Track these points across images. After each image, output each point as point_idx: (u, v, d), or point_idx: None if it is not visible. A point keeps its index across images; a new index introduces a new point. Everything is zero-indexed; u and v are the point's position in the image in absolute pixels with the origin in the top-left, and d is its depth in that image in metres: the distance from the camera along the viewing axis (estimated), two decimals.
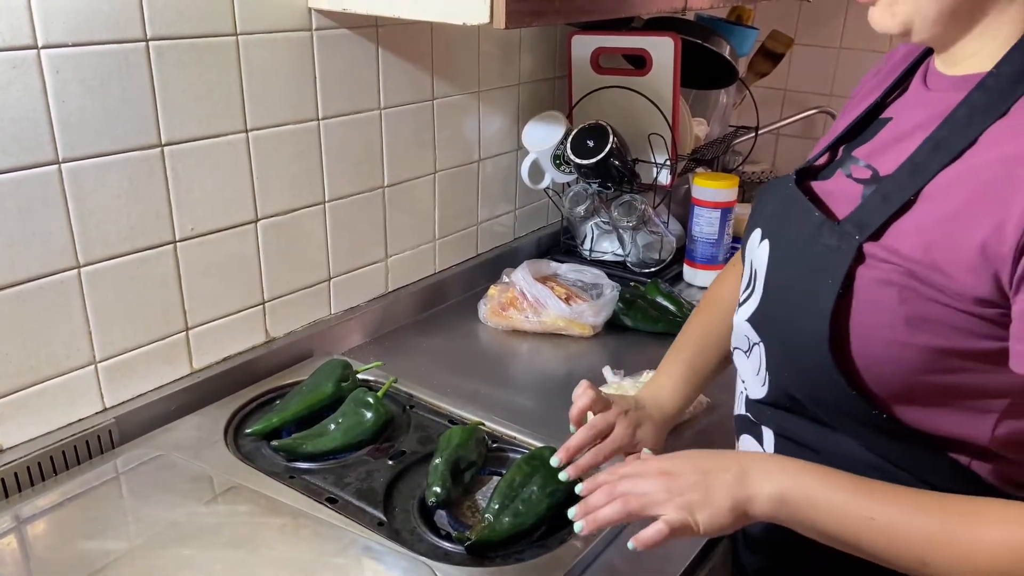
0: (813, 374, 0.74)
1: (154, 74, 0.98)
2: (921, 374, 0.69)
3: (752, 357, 0.83)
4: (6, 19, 0.84)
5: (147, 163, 1.00)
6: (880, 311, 0.69)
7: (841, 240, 0.72)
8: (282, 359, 1.22)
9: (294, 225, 1.20)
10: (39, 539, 0.86)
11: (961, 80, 0.72)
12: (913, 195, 0.69)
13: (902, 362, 0.69)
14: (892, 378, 0.70)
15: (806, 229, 0.77)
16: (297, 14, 1.12)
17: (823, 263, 0.73)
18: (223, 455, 1.01)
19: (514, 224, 1.67)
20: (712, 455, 0.75)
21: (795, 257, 0.77)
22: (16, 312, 0.92)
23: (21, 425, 0.96)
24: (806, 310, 0.73)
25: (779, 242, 0.80)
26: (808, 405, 0.77)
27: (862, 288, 0.70)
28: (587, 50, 1.57)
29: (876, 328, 0.69)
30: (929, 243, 0.67)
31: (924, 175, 0.69)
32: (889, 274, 0.68)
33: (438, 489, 0.90)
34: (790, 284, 0.77)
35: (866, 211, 0.72)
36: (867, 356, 0.70)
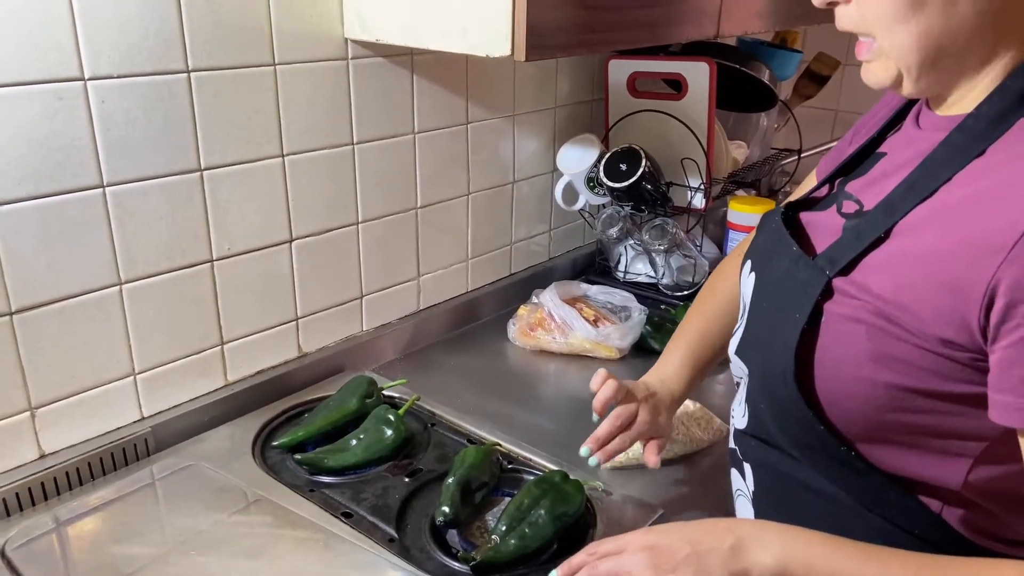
0: (783, 406, 0.74)
1: (195, 103, 1.04)
2: (888, 412, 0.69)
3: (741, 389, 0.85)
4: (54, 54, 0.90)
5: (186, 187, 1.06)
6: (846, 346, 0.69)
7: (811, 275, 0.73)
8: (314, 373, 1.27)
9: (328, 245, 1.25)
10: (74, 541, 0.92)
11: (947, 121, 0.72)
12: (884, 232, 0.69)
13: (868, 399, 0.69)
14: (858, 414, 0.70)
15: (784, 263, 0.78)
16: (334, 44, 1.17)
17: (794, 297, 0.74)
18: (249, 467, 1.05)
19: (549, 244, 1.69)
20: (702, 526, 0.72)
21: (773, 290, 0.79)
22: (60, 326, 0.98)
23: (63, 432, 1.02)
24: (777, 343, 0.74)
25: (762, 275, 0.82)
26: (780, 439, 0.77)
27: (829, 323, 0.70)
28: (624, 74, 1.59)
29: (842, 363, 0.70)
30: (898, 282, 0.67)
31: (896, 213, 0.69)
32: (857, 311, 0.68)
33: (446, 509, 0.92)
34: (766, 317, 0.78)
35: (839, 247, 0.73)
36: (833, 391, 0.71)
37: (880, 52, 0.70)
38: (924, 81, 0.70)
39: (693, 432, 1.12)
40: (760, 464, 0.82)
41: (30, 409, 0.98)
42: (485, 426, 1.15)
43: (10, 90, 0.88)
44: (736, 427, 0.86)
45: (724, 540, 0.69)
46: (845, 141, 0.93)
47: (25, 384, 0.97)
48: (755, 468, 0.83)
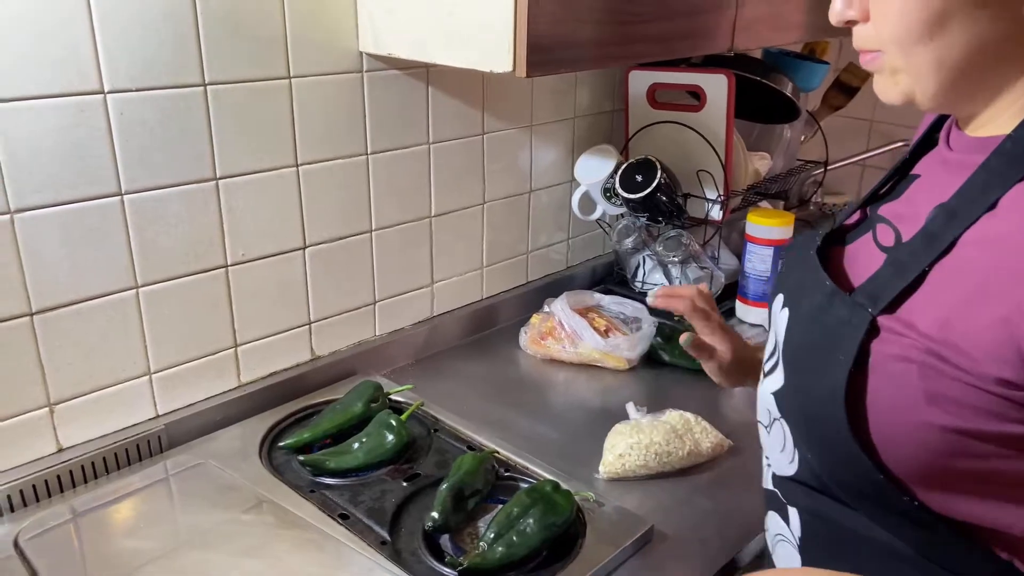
0: (836, 454, 0.70)
1: (211, 115, 1.08)
2: (949, 458, 0.64)
3: (774, 433, 0.80)
4: (75, 68, 0.95)
5: (202, 195, 1.10)
6: (899, 389, 0.65)
7: (853, 313, 0.68)
8: (326, 376, 1.30)
9: (341, 252, 1.28)
10: (84, 533, 0.96)
11: (980, 143, 0.69)
12: (927, 266, 0.66)
13: (927, 444, 0.64)
14: (918, 461, 0.66)
15: (818, 299, 0.74)
16: (349, 58, 1.20)
17: (835, 336, 0.69)
18: (256, 466, 1.09)
19: (568, 253, 1.71)
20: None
21: (809, 329, 0.74)
22: (79, 326, 1.03)
23: (80, 427, 1.07)
24: (822, 387, 0.69)
25: (796, 311, 0.77)
26: (833, 487, 0.73)
27: (878, 364, 0.66)
28: (644, 85, 1.59)
29: (896, 407, 0.65)
30: (946, 319, 0.63)
31: (938, 245, 0.66)
32: (906, 350, 0.64)
33: (435, 515, 0.94)
34: (805, 358, 0.73)
35: (879, 282, 0.69)
36: (888, 437, 0.66)
37: (891, 67, 0.68)
38: (941, 101, 0.68)
39: (692, 445, 1.12)
40: (809, 511, 0.78)
41: (49, 405, 1.03)
42: (487, 433, 1.17)
43: (35, 103, 0.93)
44: (778, 473, 0.81)
45: None
46: None
47: (44, 381, 1.02)
48: (803, 514, 0.79)
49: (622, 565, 0.95)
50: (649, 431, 1.11)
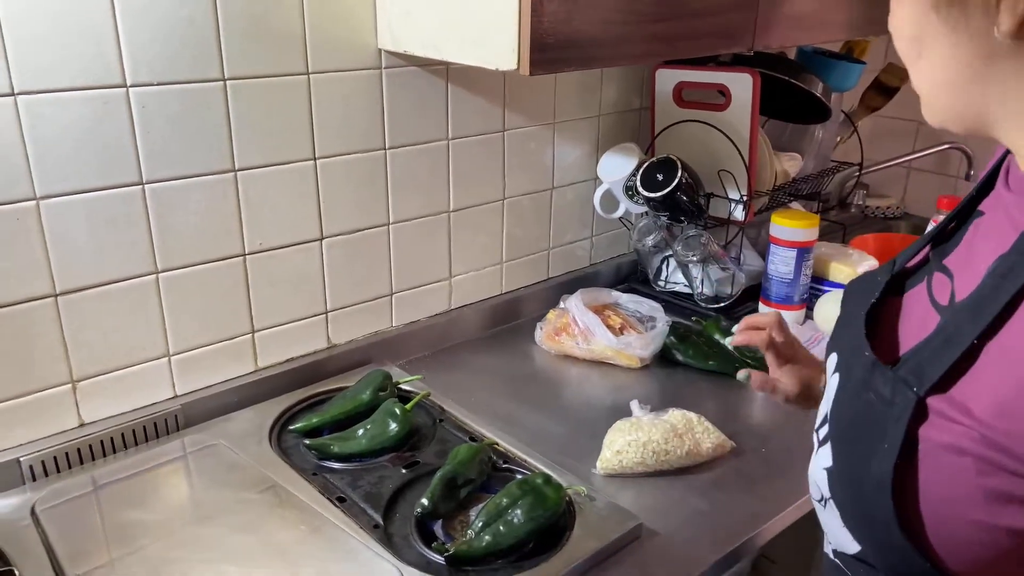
0: (889, 550, 0.62)
1: (230, 109, 1.12)
2: (1016, 561, 0.57)
3: (829, 510, 0.70)
4: (100, 63, 1.00)
5: (221, 186, 1.15)
6: (954, 484, 0.57)
7: (896, 392, 0.60)
8: (342, 364, 1.34)
9: (358, 244, 1.32)
10: (95, 505, 1.01)
11: None
12: (976, 339, 0.57)
13: (988, 547, 0.57)
14: (978, 561, 0.58)
15: (859, 371, 0.65)
16: (368, 54, 1.23)
17: (876, 419, 0.62)
18: (264, 449, 1.13)
19: (591, 250, 1.71)
20: None
21: (852, 402, 0.66)
22: (102, 308, 1.09)
23: (101, 404, 1.12)
24: (868, 477, 0.61)
25: (846, 379, 0.69)
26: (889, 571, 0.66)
27: (928, 454, 0.58)
28: (670, 83, 1.59)
29: (952, 504, 0.58)
30: (1004, 403, 0.54)
31: (989, 312, 0.57)
32: (959, 439, 0.56)
33: (425, 501, 0.97)
34: (851, 440, 0.65)
35: (927, 354, 0.60)
36: (944, 535, 0.59)
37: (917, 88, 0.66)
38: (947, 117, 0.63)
39: (691, 444, 1.12)
40: None
41: (72, 382, 1.09)
42: (491, 425, 1.19)
43: (62, 95, 0.99)
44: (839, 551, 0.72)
45: None
46: None
47: (68, 359, 1.08)
48: None
49: (607, 559, 0.96)
50: (648, 429, 1.12)
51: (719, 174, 1.53)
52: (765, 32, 1.30)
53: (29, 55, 0.95)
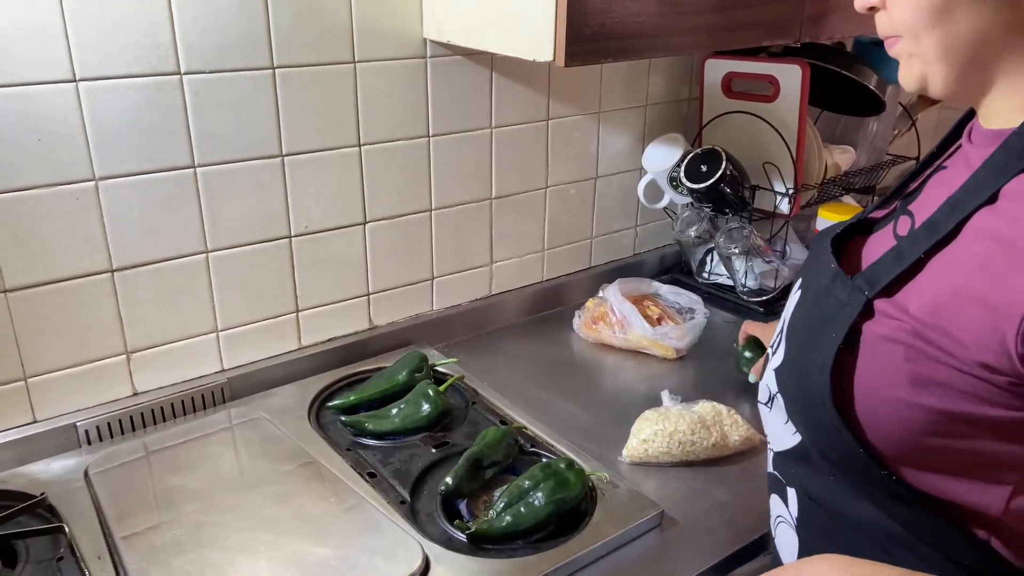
0: (822, 429, 0.73)
1: (278, 96, 1.16)
2: (927, 436, 0.68)
3: (775, 409, 0.83)
4: (155, 52, 1.05)
5: (268, 170, 1.19)
6: (884, 368, 0.68)
7: (851, 295, 0.72)
8: (382, 345, 1.38)
9: (401, 229, 1.35)
10: (143, 469, 1.08)
11: (992, 135, 0.71)
12: (924, 253, 0.68)
13: (907, 422, 0.68)
14: (897, 438, 0.69)
15: (822, 281, 0.77)
16: (413, 44, 1.26)
17: (831, 316, 0.73)
18: (303, 424, 1.18)
19: (634, 240, 1.72)
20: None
21: (811, 309, 0.78)
22: (155, 284, 1.15)
23: (153, 374, 1.19)
24: (813, 363, 0.73)
25: (805, 293, 0.81)
26: (820, 463, 0.77)
27: (867, 344, 0.70)
28: (719, 74, 1.58)
29: (880, 385, 0.69)
30: (937, 304, 0.66)
31: (938, 233, 0.68)
32: (895, 331, 0.68)
33: (449, 480, 1.00)
34: (801, 336, 0.78)
35: (879, 267, 0.72)
36: (871, 413, 0.70)
37: (907, 53, 0.71)
38: (952, 87, 0.70)
39: (719, 436, 1.13)
40: (806, 492, 0.81)
41: (126, 353, 1.15)
42: (522, 410, 1.22)
43: (120, 82, 1.04)
44: (776, 450, 0.85)
45: None
46: None
47: (123, 331, 1.14)
48: (800, 495, 0.82)
49: (627, 545, 0.98)
50: (676, 419, 1.12)
51: (764, 166, 1.51)
52: (813, 23, 1.29)
53: (90, 44, 1.01)
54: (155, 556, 0.91)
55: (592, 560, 0.95)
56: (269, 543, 0.94)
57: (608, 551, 0.96)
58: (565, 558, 0.93)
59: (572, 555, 0.94)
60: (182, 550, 0.92)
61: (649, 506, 1.01)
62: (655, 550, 0.98)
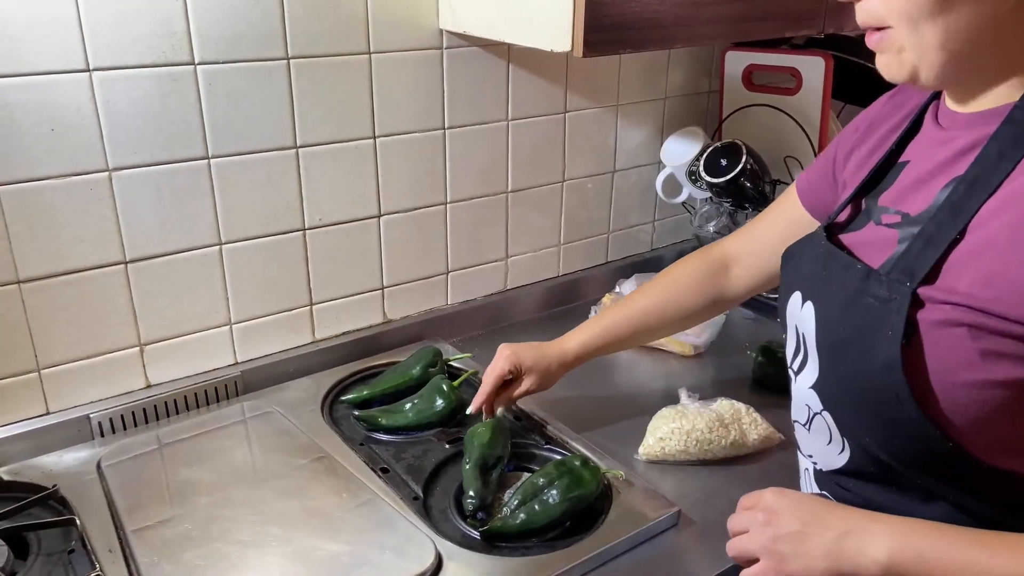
0: (900, 430, 0.70)
1: (292, 87, 1.15)
2: (1016, 414, 0.66)
3: (816, 428, 0.80)
4: (169, 41, 1.04)
5: (283, 162, 1.18)
6: (953, 351, 0.66)
7: (892, 290, 0.70)
8: (396, 339, 1.37)
9: (415, 222, 1.34)
10: (155, 461, 1.07)
11: (978, 117, 0.71)
12: (959, 233, 0.68)
13: (989, 401, 0.66)
14: (983, 420, 0.67)
15: (851, 284, 0.74)
16: (429, 34, 1.25)
17: (876, 315, 0.70)
18: (316, 417, 1.17)
19: (652, 235, 1.70)
20: (817, 507, 0.74)
21: (844, 315, 0.74)
22: (168, 276, 1.14)
23: (167, 367, 1.18)
24: (873, 367, 0.70)
25: (824, 302, 0.77)
26: (899, 468, 0.73)
27: (928, 333, 0.67)
28: (740, 66, 1.55)
29: (953, 370, 0.66)
30: (987, 275, 0.65)
31: (967, 212, 0.68)
32: (951, 313, 0.66)
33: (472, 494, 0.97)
34: (846, 344, 0.73)
35: (911, 256, 0.70)
36: (952, 400, 0.67)
37: (898, 45, 0.69)
38: (945, 77, 0.70)
39: (737, 435, 1.11)
40: (864, 504, 0.76)
41: (140, 345, 1.15)
42: (537, 406, 1.20)
43: (133, 72, 1.04)
44: (824, 469, 0.81)
45: (833, 527, 0.71)
46: (827, 159, 0.94)
47: (136, 323, 1.14)
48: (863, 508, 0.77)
49: (642, 544, 0.96)
50: (693, 417, 1.11)
51: (786, 161, 1.49)
52: (838, 14, 1.26)
53: (103, 33, 1.00)
54: (166, 549, 0.90)
55: (607, 559, 0.94)
56: (280, 537, 0.93)
57: (623, 550, 0.95)
58: (580, 557, 0.92)
59: (587, 554, 0.92)
60: (193, 543, 0.91)
61: (666, 505, 1.00)
62: (671, 550, 0.96)
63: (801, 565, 0.72)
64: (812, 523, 0.72)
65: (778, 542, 0.73)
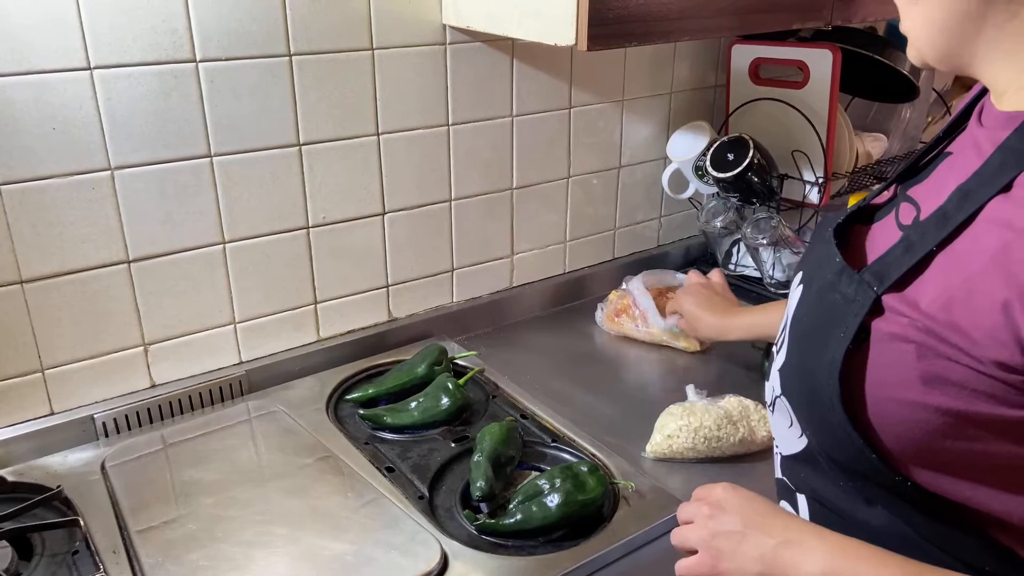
0: (831, 431, 0.69)
1: (295, 84, 1.15)
2: (941, 438, 0.64)
3: (778, 411, 0.80)
4: (170, 38, 1.04)
5: (286, 159, 1.18)
6: (895, 367, 0.64)
7: (858, 290, 0.68)
8: (402, 338, 1.36)
9: (420, 219, 1.33)
10: (159, 462, 1.07)
11: (1006, 118, 0.66)
12: (936, 246, 0.64)
13: (920, 424, 0.64)
14: (910, 440, 0.65)
15: (827, 276, 0.73)
16: (432, 30, 1.24)
17: (838, 313, 0.69)
18: (321, 416, 1.16)
19: (659, 231, 1.68)
20: (764, 510, 0.73)
21: (815, 306, 0.74)
22: (172, 275, 1.14)
23: (171, 366, 1.18)
24: (821, 363, 0.69)
25: (808, 289, 0.77)
26: (829, 468, 0.73)
27: (877, 342, 0.66)
28: (747, 60, 1.54)
29: (891, 385, 0.65)
30: (950, 299, 0.62)
31: (949, 225, 0.64)
32: (905, 329, 0.64)
33: (482, 483, 0.97)
34: (807, 333, 0.73)
35: (888, 260, 0.68)
36: (882, 415, 0.66)
37: (905, 29, 0.70)
38: (945, 61, 0.68)
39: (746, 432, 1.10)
40: (816, 497, 0.77)
41: (144, 344, 1.14)
42: (543, 403, 1.19)
43: (134, 69, 1.03)
44: (784, 454, 0.81)
45: (774, 534, 0.70)
46: None
47: (140, 323, 1.13)
48: (811, 502, 0.79)
49: (649, 544, 0.95)
50: (701, 414, 1.09)
51: (793, 155, 1.47)
52: (845, 6, 1.24)
53: (105, 31, 0.99)
54: (170, 550, 0.90)
55: (614, 559, 0.93)
56: (285, 537, 0.92)
57: (630, 549, 0.94)
58: (586, 556, 0.91)
59: (594, 553, 0.91)
60: (197, 544, 0.91)
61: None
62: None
63: (735, 566, 0.70)
64: (754, 525, 0.71)
65: (717, 538, 0.72)
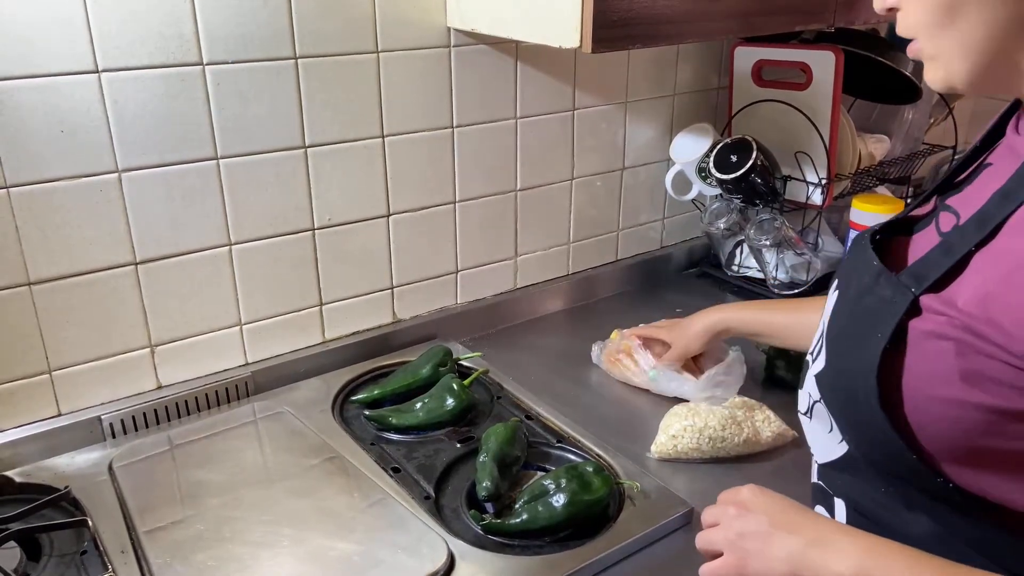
0: (870, 434, 0.69)
1: (301, 87, 1.15)
2: (981, 436, 0.64)
3: (816, 418, 0.79)
4: (177, 42, 1.04)
5: (291, 162, 1.18)
6: (934, 366, 0.65)
7: (895, 292, 0.68)
8: (407, 339, 1.37)
9: (425, 221, 1.34)
10: (166, 463, 1.07)
11: None
12: (975, 246, 0.65)
13: (960, 422, 0.64)
14: (951, 440, 0.65)
15: (864, 280, 0.74)
16: (437, 33, 1.24)
17: (875, 315, 0.69)
18: (327, 417, 1.16)
19: (662, 232, 1.69)
20: (791, 510, 0.72)
21: (852, 310, 0.74)
22: (178, 277, 1.14)
23: (177, 368, 1.18)
24: (859, 366, 0.69)
25: (844, 294, 0.78)
26: (870, 474, 0.73)
27: (915, 341, 0.66)
28: (749, 62, 1.54)
29: (930, 384, 0.65)
30: (987, 296, 0.62)
31: (988, 224, 0.65)
32: (943, 327, 0.64)
33: (488, 483, 0.97)
34: (843, 337, 0.74)
35: (926, 262, 0.69)
36: (922, 415, 0.66)
37: (927, 54, 0.69)
38: (978, 84, 0.67)
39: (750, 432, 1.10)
40: (854, 503, 0.77)
41: (150, 346, 1.15)
42: (548, 404, 1.20)
43: (142, 72, 1.04)
44: (820, 461, 0.81)
45: (803, 533, 0.69)
46: None
47: (147, 324, 1.14)
48: (848, 508, 0.78)
49: (654, 544, 0.96)
50: (706, 415, 1.10)
51: (796, 156, 1.48)
52: (847, 8, 1.25)
53: (112, 34, 1.00)
54: (178, 550, 0.90)
55: (619, 559, 0.93)
56: (292, 538, 0.93)
57: (636, 549, 0.94)
58: (592, 556, 0.91)
59: (599, 553, 0.91)
60: (205, 544, 0.91)
61: (678, 504, 0.99)
62: (684, 549, 0.95)
63: (763, 565, 0.69)
64: (782, 525, 0.70)
65: (744, 538, 0.71)
